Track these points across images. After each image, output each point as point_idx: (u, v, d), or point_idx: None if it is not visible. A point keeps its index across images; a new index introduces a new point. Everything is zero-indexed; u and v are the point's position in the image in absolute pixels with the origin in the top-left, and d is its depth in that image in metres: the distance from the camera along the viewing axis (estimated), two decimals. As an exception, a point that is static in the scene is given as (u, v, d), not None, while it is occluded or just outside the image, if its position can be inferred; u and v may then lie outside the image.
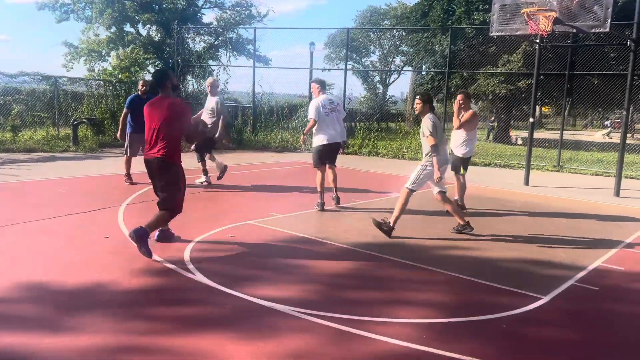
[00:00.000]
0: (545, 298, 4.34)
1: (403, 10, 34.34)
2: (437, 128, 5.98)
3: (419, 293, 4.46)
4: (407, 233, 6.29)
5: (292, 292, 4.26)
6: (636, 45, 9.03)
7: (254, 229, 6.27)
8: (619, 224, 7.44)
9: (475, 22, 18.23)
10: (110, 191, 8.26)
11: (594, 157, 15.55)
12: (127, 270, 4.60)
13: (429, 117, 5.98)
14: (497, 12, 9.03)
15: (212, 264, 4.90)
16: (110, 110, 15.41)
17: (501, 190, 9.93)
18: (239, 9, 27.33)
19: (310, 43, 25.73)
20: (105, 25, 22.66)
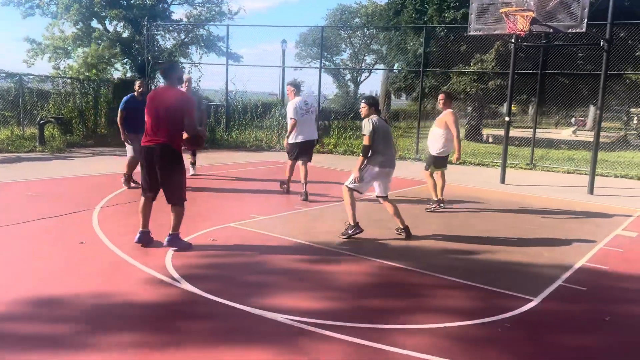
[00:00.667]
0: (536, 300, 4.33)
1: (374, 9, 34.47)
2: (379, 131, 5.91)
3: (409, 297, 4.39)
4: (386, 234, 6.23)
5: (290, 301, 4.13)
6: (609, 45, 9.18)
7: (235, 232, 6.11)
8: (596, 221, 7.54)
9: (446, 20, 18.34)
10: (83, 193, 7.95)
11: (565, 155, 15.85)
12: (108, 279, 4.39)
13: (371, 119, 5.97)
14: (475, 12, 9.05)
15: (198, 271, 4.73)
16: (78, 108, 14.92)
17: (478, 189, 9.99)
18: (209, 5, 26.90)
19: (282, 41, 25.57)
20: (72, 22, 21.96)
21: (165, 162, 5.04)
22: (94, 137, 14.69)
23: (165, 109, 5.01)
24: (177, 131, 5.08)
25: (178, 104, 5.05)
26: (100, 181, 9.14)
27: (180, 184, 5.19)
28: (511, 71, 10.45)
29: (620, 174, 12.56)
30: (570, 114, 44.89)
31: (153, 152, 5.03)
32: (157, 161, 5.03)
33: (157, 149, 5.01)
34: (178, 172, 5.16)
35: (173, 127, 5.04)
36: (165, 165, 5.04)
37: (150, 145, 5.05)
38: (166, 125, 5.01)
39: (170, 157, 5.05)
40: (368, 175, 6.00)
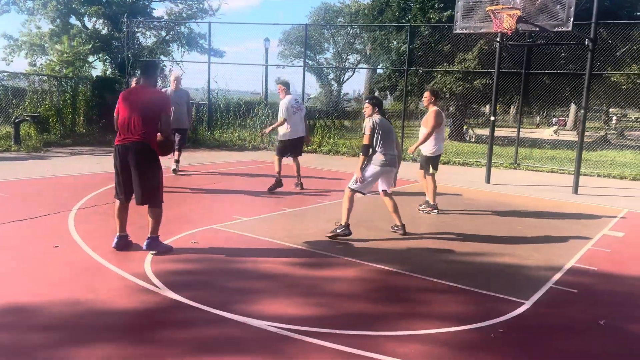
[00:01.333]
0: (528, 303, 4.22)
1: (357, 8, 34.40)
2: (379, 130, 5.92)
3: (398, 302, 4.25)
4: (375, 235, 6.11)
5: (275, 307, 3.95)
6: (594, 45, 9.17)
7: (218, 234, 5.91)
8: (582, 222, 7.51)
9: (430, 20, 18.31)
10: (59, 195, 7.67)
11: (548, 155, 15.92)
12: (83, 286, 4.17)
13: (372, 118, 5.98)
14: (461, 10, 8.97)
15: (178, 276, 4.53)
16: (55, 107, 14.53)
17: (464, 189, 9.92)
18: (190, 2, 26.49)
19: (265, 39, 25.32)
20: (49, 18, 21.42)
21: (142, 161, 4.83)
22: (72, 136, 14.34)
23: (142, 107, 4.82)
24: (153, 130, 4.88)
25: (155, 102, 4.89)
26: (77, 182, 8.86)
27: (158, 185, 4.99)
28: (496, 70, 10.40)
29: (603, 174, 12.62)
30: (552, 114, 45.47)
31: (128, 151, 4.82)
32: (132, 160, 4.81)
33: (132, 148, 4.80)
34: (155, 172, 4.95)
35: (149, 125, 4.84)
36: (141, 165, 4.83)
37: (125, 144, 4.83)
38: (142, 123, 4.80)
39: (147, 156, 4.85)
40: (370, 175, 5.96)
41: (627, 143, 23.36)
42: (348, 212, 5.91)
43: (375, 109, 6.07)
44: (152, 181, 4.91)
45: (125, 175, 4.89)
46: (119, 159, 4.88)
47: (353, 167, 6.90)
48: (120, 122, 4.88)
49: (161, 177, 5.05)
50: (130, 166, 4.84)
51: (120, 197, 4.99)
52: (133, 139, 4.80)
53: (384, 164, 5.95)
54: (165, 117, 4.94)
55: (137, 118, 4.79)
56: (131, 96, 4.92)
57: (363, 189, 5.99)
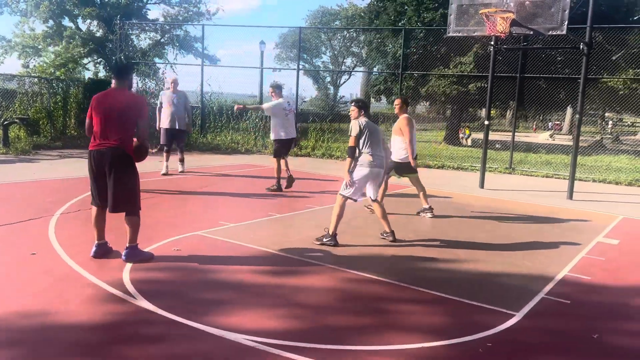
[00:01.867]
0: (518, 315, 4.07)
1: (354, 11, 34.32)
2: (367, 133, 5.84)
3: (382, 313, 4.08)
4: (362, 241, 5.97)
5: (254, 319, 3.79)
6: (589, 49, 9.06)
7: (202, 241, 5.75)
8: (577, 228, 7.37)
9: (425, 21, 18.21)
10: (43, 199, 7.50)
11: (543, 159, 15.80)
12: (58, 295, 4.00)
13: (358, 120, 5.93)
14: (454, 13, 8.85)
15: (157, 285, 4.36)
16: (46, 109, 14.35)
17: (458, 194, 9.78)
18: (186, 5, 26.36)
19: (260, 42, 25.18)
20: (42, 19, 21.26)
21: (117, 167, 4.65)
22: (62, 138, 14.16)
23: (117, 111, 4.65)
24: (129, 135, 4.72)
25: (131, 106, 4.73)
26: (64, 185, 8.70)
27: (135, 191, 4.82)
28: (490, 74, 10.28)
29: (599, 179, 12.51)
30: (547, 118, 45.44)
31: (103, 157, 4.64)
32: (107, 166, 4.64)
33: (107, 153, 4.63)
34: (132, 178, 4.78)
35: (125, 130, 4.68)
36: (117, 171, 4.65)
37: (100, 149, 4.66)
38: (118, 128, 4.64)
39: (124, 161, 4.68)
40: (359, 177, 5.84)
41: (623, 148, 23.27)
42: (337, 220, 5.77)
43: (361, 112, 6.02)
44: (129, 187, 4.75)
45: (100, 181, 4.72)
46: (94, 164, 4.71)
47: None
48: (96, 127, 4.70)
49: (138, 183, 4.87)
50: (105, 172, 4.67)
51: (96, 202, 4.83)
52: (109, 145, 4.63)
53: (372, 165, 5.85)
54: (142, 122, 4.79)
55: (113, 123, 4.63)
56: (106, 100, 4.74)
57: (355, 194, 5.85)
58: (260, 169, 12.00)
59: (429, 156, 15.46)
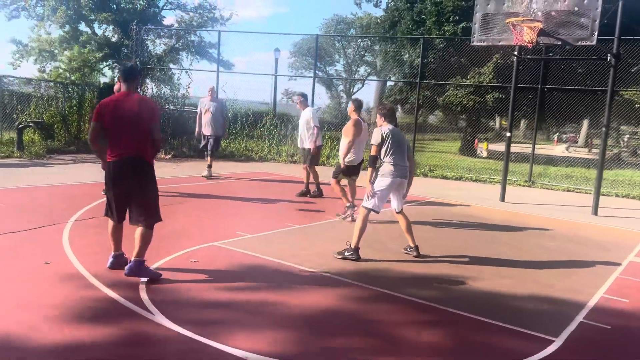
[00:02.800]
0: (558, 341, 3.82)
1: (369, 20, 34.21)
2: (389, 140, 5.62)
3: (420, 335, 3.85)
4: (384, 256, 5.75)
5: (277, 340, 3.58)
6: (617, 61, 8.81)
7: (219, 252, 5.56)
8: (605, 246, 7.09)
9: (446, 34, 18.01)
10: (56, 205, 7.36)
11: (562, 172, 15.48)
12: (72, 310, 3.81)
13: (381, 128, 5.71)
14: (479, 22, 8.64)
15: (175, 301, 4.16)
16: (60, 113, 14.30)
17: (479, 207, 9.53)
18: (201, 11, 26.39)
19: (275, 49, 25.13)
20: (59, 24, 21.31)
21: (140, 179, 4.44)
22: (76, 143, 14.09)
23: (131, 118, 4.40)
24: (146, 141, 4.47)
25: (145, 110, 4.47)
26: (78, 191, 8.57)
27: (156, 202, 4.60)
28: (513, 85, 10.04)
29: (622, 194, 12.19)
30: (562, 130, 44.93)
31: (123, 167, 4.42)
32: (128, 178, 4.42)
33: (127, 163, 4.41)
34: (152, 188, 4.57)
35: (142, 137, 4.44)
36: (139, 183, 4.44)
37: (119, 160, 4.42)
38: (134, 135, 4.41)
39: (144, 171, 4.47)
40: (381, 188, 5.62)
41: None
42: (360, 234, 5.55)
43: (385, 119, 5.79)
44: (151, 198, 4.54)
45: (119, 194, 4.50)
46: (111, 176, 4.47)
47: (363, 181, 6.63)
48: (111, 137, 4.46)
49: (157, 193, 4.66)
50: (125, 184, 4.45)
51: (113, 217, 4.60)
52: (127, 154, 4.41)
53: (394, 175, 5.62)
54: (155, 125, 4.52)
55: (127, 131, 4.40)
56: (118, 107, 4.46)
57: (378, 206, 5.62)
58: (274, 178, 11.82)
59: (447, 167, 15.21)
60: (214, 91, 10.71)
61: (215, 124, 10.41)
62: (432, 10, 18.52)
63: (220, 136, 10.81)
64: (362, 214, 5.62)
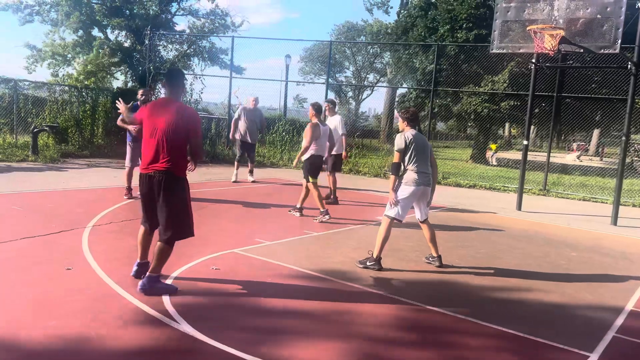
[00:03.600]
0: (593, 355, 3.72)
1: (379, 27, 34.22)
2: (413, 147, 5.46)
3: (444, 348, 3.76)
4: (406, 266, 5.66)
5: (305, 350, 3.51)
6: (637, 69, 8.69)
7: (240, 259, 5.50)
8: (629, 258, 6.96)
9: (459, 41, 17.95)
10: (73, 209, 7.33)
11: (577, 181, 15.32)
12: (96, 317, 3.76)
13: (404, 133, 5.54)
14: (498, 29, 8.56)
15: (199, 308, 4.10)
16: (74, 117, 14.33)
17: (497, 217, 9.41)
18: (213, 17, 26.49)
19: (286, 55, 25.21)
20: (72, 29, 21.43)
21: (168, 195, 4.21)
22: (90, 147, 14.11)
23: (166, 126, 4.18)
24: (182, 152, 4.26)
25: (183, 120, 4.21)
26: (93, 195, 8.54)
27: (185, 217, 4.33)
28: (531, 92, 9.94)
29: (639, 203, 12.02)
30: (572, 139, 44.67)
31: (153, 181, 4.23)
32: (157, 192, 4.23)
33: (156, 178, 4.21)
34: (183, 206, 4.31)
35: (177, 148, 4.22)
36: (167, 199, 4.22)
37: (149, 173, 4.24)
38: (169, 146, 4.18)
39: (174, 188, 4.24)
40: (405, 197, 5.48)
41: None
42: (383, 243, 5.45)
43: (406, 124, 5.60)
44: (180, 217, 4.30)
45: (149, 205, 4.36)
46: (143, 188, 4.33)
47: (376, 186, 6.56)
48: (144, 146, 4.30)
49: (189, 207, 4.39)
50: (152, 198, 4.29)
51: (145, 224, 4.49)
52: (156, 168, 4.21)
53: (417, 183, 5.46)
54: (195, 139, 4.29)
55: (160, 141, 4.19)
56: (155, 113, 4.28)
57: (401, 215, 5.50)
58: (289, 184, 11.76)
59: (460, 175, 15.10)
60: (258, 101, 11.33)
61: (253, 132, 11.11)
62: (446, 17, 18.47)
63: (255, 144, 11.64)
64: (385, 223, 5.51)
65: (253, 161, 11.65)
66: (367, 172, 14.87)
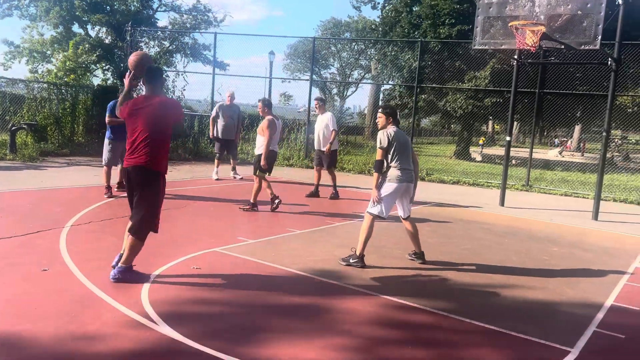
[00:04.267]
0: (574, 350, 3.73)
1: (364, 24, 34.22)
2: (395, 144, 5.42)
3: (427, 345, 3.74)
4: (387, 262, 5.66)
5: (289, 349, 3.46)
6: (617, 65, 8.78)
7: (221, 258, 5.43)
8: (610, 252, 7.03)
9: (441, 37, 18.00)
10: (52, 209, 7.19)
11: (559, 177, 15.48)
12: (75, 319, 3.66)
13: (387, 130, 5.48)
14: (480, 25, 8.58)
15: (179, 308, 4.03)
16: (54, 115, 14.08)
17: (481, 212, 9.45)
18: (195, 13, 26.25)
19: (270, 52, 25.04)
20: (52, 25, 21.07)
21: (142, 187, 4.31)
22: (70, 145, 13.88)
23: (146, 121, 4.25)
24: (162, 146, 4.31)
25: (164, 113, 4.31)
26: (73, 194, 8.39)
27: (153, 215, 4.41)
28: (513, 89, 9.99)
29: (619, 198, 12.18)
30: (554, 135, 45.17)
31: (131, 175, 4.34)
32: (134, 186, 4.33)
33: (132, 172, 4.31)
34: (153, 200, 4.39)
35: (157, 142, 4.28)
36: (140, 191, 4.33)
37: (129, 167, 4.35)
38: (148, 140, 4.25)
39: (148, 181, 4.31)
40: (388, 194, 5.44)
41: (632, 166, 22.96)
42: (366, 241, 5.42)
43: (389, 119, 5.53)
44: (148, 210, 4.38)
45: (131, 199, 4.45)
46: (126, 182, 4.46)
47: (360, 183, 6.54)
48: (127, 141, 4.39)
49: (155, 207, 4.44)
50: (132, 193, 4.40)
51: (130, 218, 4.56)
52: (134, 162, 4.30)
53: (401, 180, 5.43)
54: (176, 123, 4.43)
55: (140, 136, 4.26)
56: (136, 108, 4.34)
57: (384, 212, 5.46)
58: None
59: (444, 171, 15.16)
60: (234, 97, 11.08)
61: (231, 128, 10.88)
62: (428, 13, 18.50)
63: (234, 140, 11.26)
64: (368, 220, 5.48)
65: (235, 158, 11.55)
66: (352, 169, 14.85)
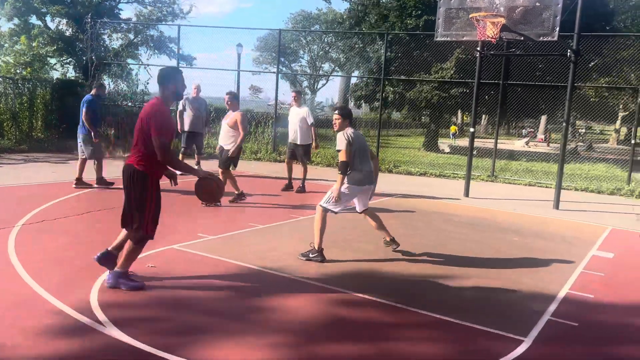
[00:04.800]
0: (527, 340, 3.75)
1: (333, 16, 34.10)
2: (355, 146, 5.36)
3: (386, 340, 3.71)
4: (350, 255, 5.62)
5: (241, 350, 3.38)
6: (576, 57, 8.90)
7: (179, 255, 5.30)
8: (568, 241, 7.14)
9: (408, 28, 18.04)
10: (4, 207, 6.92)
11: (524, 167, 15.72)
12: (17, 324, 3.51)
13: (346, 132, 5.38)
14: (442, 17, 8.58)
15: (129, 310, 3.90)
16: (10, 110, 13.61)
17: (444, 203, 9.51)
18: (160, 5, 25.68)
19: (237, 44, 24.70)
20: (7, 17, 20.33)
21: (131, 188, 4.20)
22: (28, 141, 13.44)
23: (138, 124, 4.19)
24: (142, 149, 4.16)
25: (144, 117, 4.14)
26: (27, 192, 8.10)
27: (142, 218, 4.19)
28: (476, 80, 10.05)
29: (580, 187, 12.42)
30: (521, 125, 45.99)
31: (123, 175, 4.27)
32: (125, 186, 4.25)
33: (123, 171, 4.25)
34: (142, 202, 4.18)
35: (140, 143, 4.17)
36: (126, 190, 4.25)
37: (123, 168, 4.29)
38: (137, 142, 4.20)
39: (136, 182, 4.16)
40: (346, 195, 5.40)
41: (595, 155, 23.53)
42: (321, 234, 5.36)
43: (347, 121, 5.47)
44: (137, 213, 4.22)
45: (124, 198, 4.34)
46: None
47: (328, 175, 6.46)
48: None
49: (142, 208, 4.19)
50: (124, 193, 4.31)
51: None
52: (126, 162, 4.28)
53: (361, 182, 5.41)
54: (156, 140, 4.06)
55: (135, 138, 4.23)
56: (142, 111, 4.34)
57: (335, 208, 5.41)
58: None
59: (411, 163, 15.24)
60: (199, 89, 10.79)
61: (198, 121, 10.64)
62: (395, 4, 18.50)
63: (201, 133, 11.05)
64: (320, 213, 5.40)
65: (200, 152, 11.32)
66: (320, 162, 14.78)
